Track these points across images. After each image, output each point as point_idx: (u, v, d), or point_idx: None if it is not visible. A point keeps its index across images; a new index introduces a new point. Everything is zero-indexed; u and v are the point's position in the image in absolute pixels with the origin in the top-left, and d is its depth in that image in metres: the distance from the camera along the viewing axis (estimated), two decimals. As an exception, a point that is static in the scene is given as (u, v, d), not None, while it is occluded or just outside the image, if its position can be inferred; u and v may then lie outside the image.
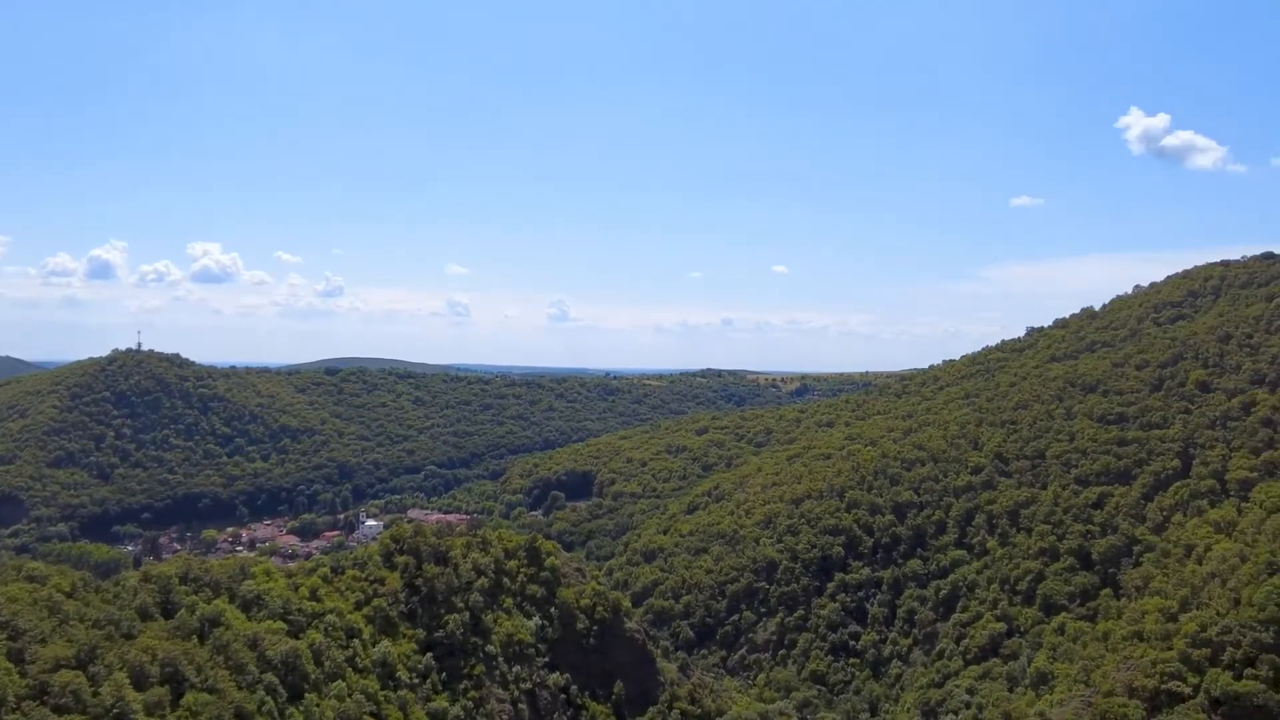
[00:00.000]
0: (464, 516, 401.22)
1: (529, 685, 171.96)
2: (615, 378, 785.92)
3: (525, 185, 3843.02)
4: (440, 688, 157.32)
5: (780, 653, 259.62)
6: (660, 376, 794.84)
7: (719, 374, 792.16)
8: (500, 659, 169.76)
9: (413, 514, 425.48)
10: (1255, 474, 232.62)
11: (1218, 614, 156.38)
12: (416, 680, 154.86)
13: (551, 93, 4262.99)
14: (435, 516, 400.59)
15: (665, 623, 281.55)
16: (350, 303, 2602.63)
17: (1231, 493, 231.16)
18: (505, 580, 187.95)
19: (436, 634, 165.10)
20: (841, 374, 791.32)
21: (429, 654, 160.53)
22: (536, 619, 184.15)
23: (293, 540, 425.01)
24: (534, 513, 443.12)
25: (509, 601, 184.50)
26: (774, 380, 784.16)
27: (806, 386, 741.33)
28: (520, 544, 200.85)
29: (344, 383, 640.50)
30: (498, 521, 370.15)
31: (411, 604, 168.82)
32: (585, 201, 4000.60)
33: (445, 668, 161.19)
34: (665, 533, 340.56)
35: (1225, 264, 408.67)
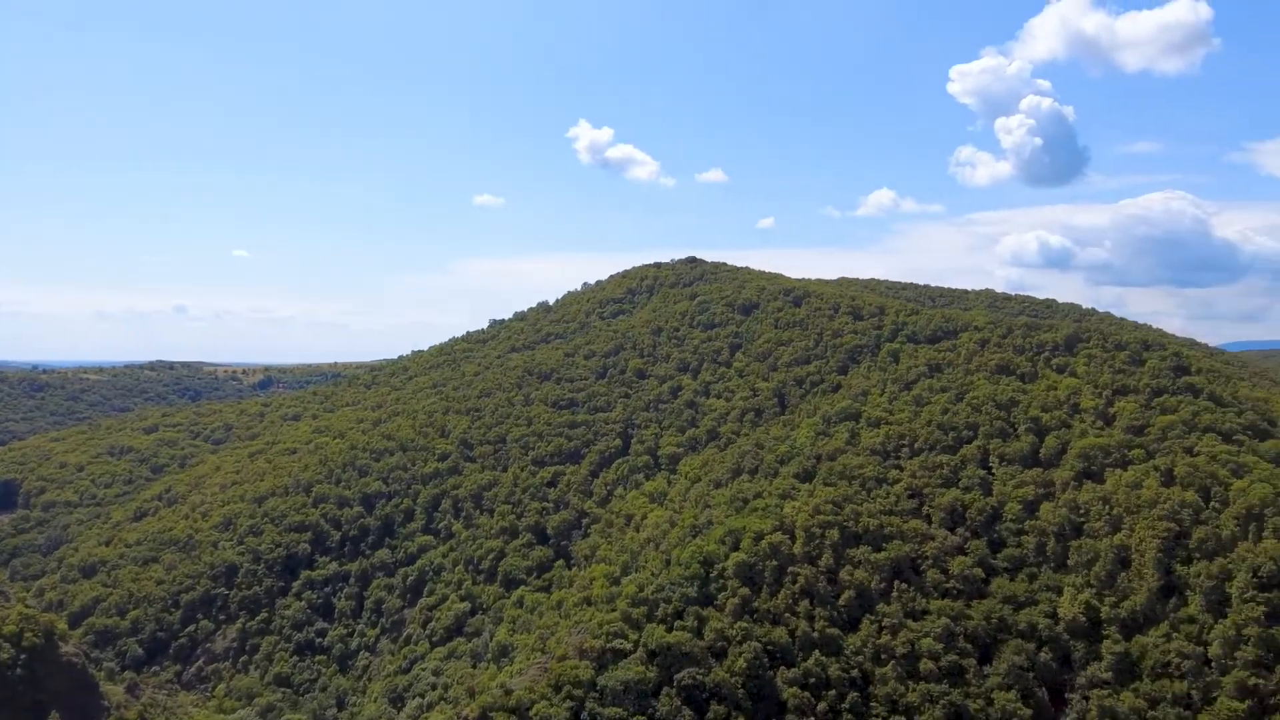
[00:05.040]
0: None
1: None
2: (45, 371, 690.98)
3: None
4: None
5: (242, 659, 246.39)
6: (101, 369, 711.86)
7: (171, 366, 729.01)
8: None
9: None
10: (681, 449, 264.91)
11: (653, 575, 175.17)
12: None
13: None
14: None
15: (110, 642, 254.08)
16: None
17: (663, 466, 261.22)
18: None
19: None
20: (309, 365, 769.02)
21: None
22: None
23: None
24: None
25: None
26: (235, 372, 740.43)
27: (271, 379, 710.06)
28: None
29: None
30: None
31: None
32: (10, 168, 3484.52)
33: None
34: (108, 544, 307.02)
35: (658, 266, 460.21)
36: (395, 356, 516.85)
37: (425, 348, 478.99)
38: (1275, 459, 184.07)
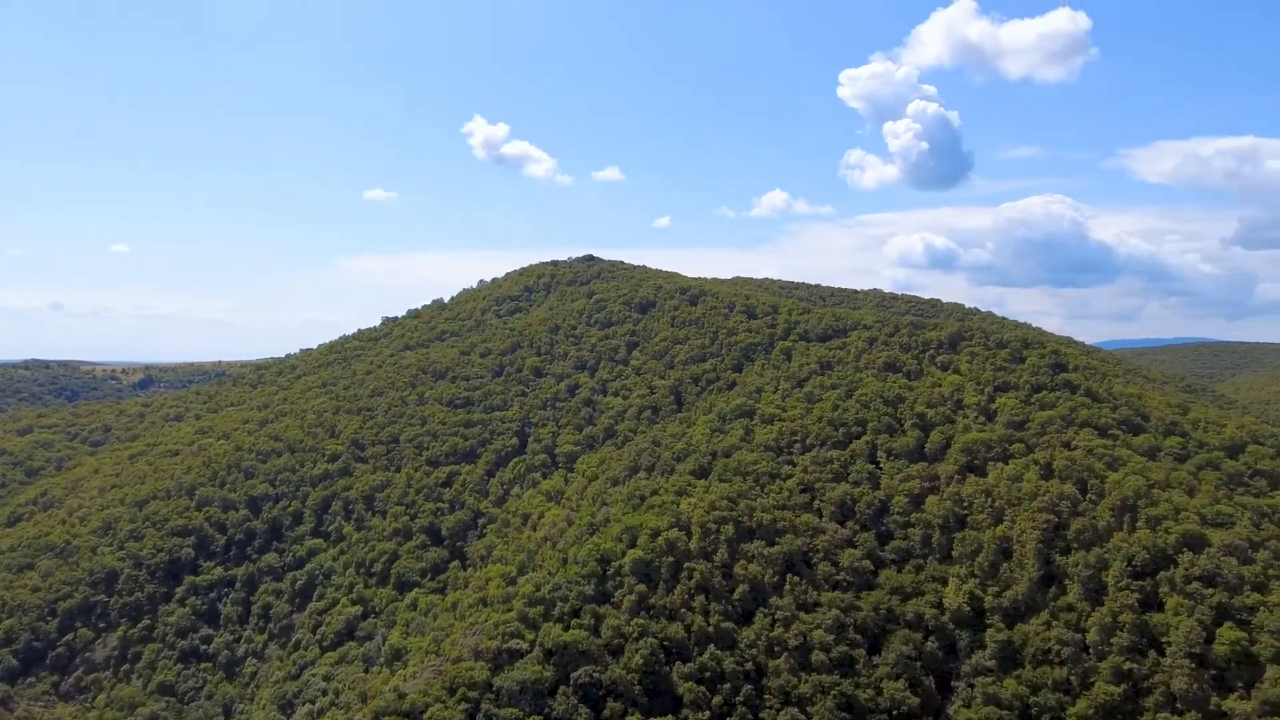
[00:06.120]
0: None
1: None
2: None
3: None
4: None
5: (124, 668, 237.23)
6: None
7: (47, 365, 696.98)
8: None
9: None
10: (579, 447, 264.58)
11: (549, 574, 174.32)
12: None
13: None
14: None
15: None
16: None
17: (560, 464, 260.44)
18: None
19: None
20: (192, 364, 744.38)
21: None
22: None
23: None
24: None
25: None
26: (114, 371, 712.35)
27: (152, 378, 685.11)
28: None
29: None
30: None
31: None
32: None
33: None
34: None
35: (555, 264, 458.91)
36: (283, 355, 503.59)
37: (314, 346, 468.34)
38: (1148, 452, 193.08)
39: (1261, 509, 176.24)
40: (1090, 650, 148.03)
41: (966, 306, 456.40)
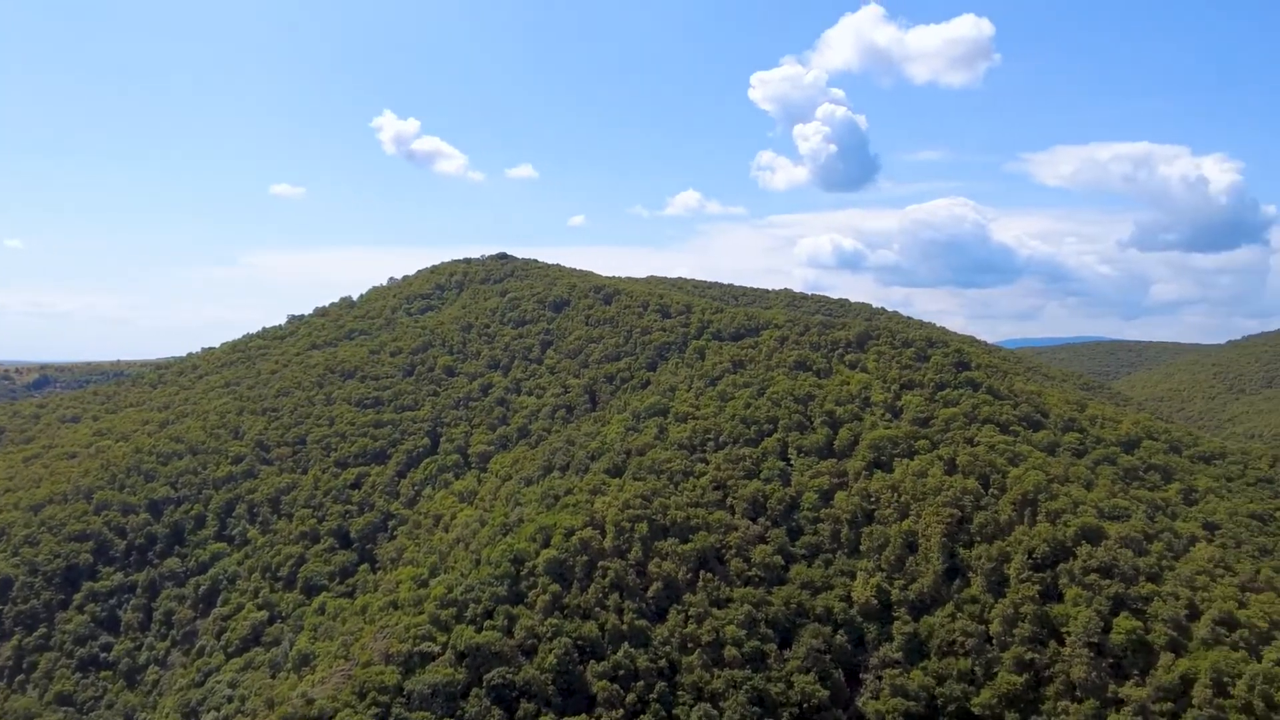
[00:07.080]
0: None
1: None
2: None
3: None
4: None
5: (19, 679, 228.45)
6: None
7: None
8: None
9: None
10: (492, 447, 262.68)
11: (462, 575, 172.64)
12: None
13: None
14: None
15: None
16: None
17: (473, 465, 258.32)
18: None
19: None
20: (90, 363, 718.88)
21: None
22: None
23: None
24: None
25: None
26: (7, 371, 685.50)
27: (48, 378, 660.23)
28: None
29: None
30: None
31: None
32: None
33: None
34: None
35: (468, 261, 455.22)
36: (184, 354, 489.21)
37: (217, 344, 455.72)
38: (1047, 448, 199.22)
39: (1155, 502, 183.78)
40: (993, 641, 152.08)
41: (874, 306, 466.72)
